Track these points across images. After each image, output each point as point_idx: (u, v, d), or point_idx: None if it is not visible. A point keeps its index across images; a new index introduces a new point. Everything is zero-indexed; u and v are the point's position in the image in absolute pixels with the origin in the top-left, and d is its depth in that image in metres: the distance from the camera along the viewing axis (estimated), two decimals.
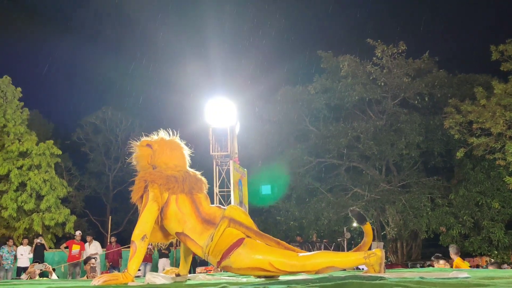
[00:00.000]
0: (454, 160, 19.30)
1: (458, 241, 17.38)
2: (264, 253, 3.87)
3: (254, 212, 18.39)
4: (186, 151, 4.77)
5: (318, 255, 3.87)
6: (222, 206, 4.40)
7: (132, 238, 4.13)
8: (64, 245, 14.27)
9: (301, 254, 3.91)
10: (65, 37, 36.83)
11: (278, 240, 4.12)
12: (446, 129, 17.72)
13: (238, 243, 3.96)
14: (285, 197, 21.81)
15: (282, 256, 3.84)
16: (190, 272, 5.00)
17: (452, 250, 9.26)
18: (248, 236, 4.05)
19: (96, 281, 3.91)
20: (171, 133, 4.86)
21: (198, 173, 4.65)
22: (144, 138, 4.86)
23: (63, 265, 13.82)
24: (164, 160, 4.58)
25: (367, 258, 3.83)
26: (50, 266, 11.12)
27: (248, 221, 4.18)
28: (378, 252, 3.85)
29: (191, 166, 4.80)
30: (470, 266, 11.11)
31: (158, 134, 4.84)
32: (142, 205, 4.34)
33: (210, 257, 4.05)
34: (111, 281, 3.91)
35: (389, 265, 18.02)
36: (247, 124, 19.39)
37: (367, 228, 4.16)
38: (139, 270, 8.57)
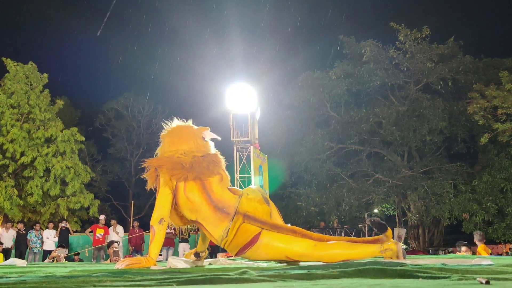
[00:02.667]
0: (478, 146, 19.01)
1: (481, 228, 17.17)
2: (280, 247, 3.90)
3: (274, 198, 18.43)
4: (197, 135, 4.71)
5: (335, 246, 3.86)
6: (237, 190, 4.37)
7: (151, 223, 4.24)
8: (89, 229, 14.51)
9: (319, 242, 3.90)
10: (90, 23, 37.10)
11: (294, 228, 4.09)
12: (470, 114, 17.44)
13: (254, 240, 3.97)
14: (306, 182, 21.79)
15: (298, 247, 3.87)
16: (211, 257, 5.04)
17: (476, 236, 9.16)
18: (264, 228, 4.04)
19: (119, 265, 3.99)
20: (186, 120, 4.86)
21: (215, 154, 4.62)
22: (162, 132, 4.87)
23: (87, 249, 14.07)
24: (175, 148, 4.58)
25: (383, 252, 3.83)
26: (62, 255, 11.35)
27: (264, 211, 4.15)
28: (394, 247, 3.83)
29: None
30: (491, 253, 10.98)
31: (172, 123, 4.85)
32: (157, 190, 4.40)
33: (227, 249, 4.10)
34: (134, 264, 3.99)
35: (411, 252, 17.91)
36: (268, 109, 19.35)
37: (388, 233, 4.11)
38: (161, 254, 8.65)
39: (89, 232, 14.33)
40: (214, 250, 15.44)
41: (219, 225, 4.11)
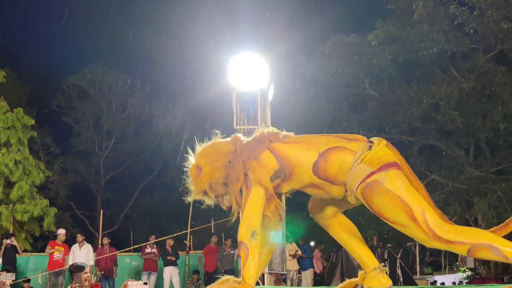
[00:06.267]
0: None
1: None
2: (421, 198, 4.10)
3: (293, 206, 18.42)
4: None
5: (475, 228, 4.24)
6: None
7: (239, 239, 4.32)
8: (49, 247, 14.47)
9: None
10: None
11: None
12: None
13: (398, 165, 4.27)
14: None
15: (437, 214, 4.06)
16: (205, 285, 5.06)
17: None
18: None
19: None
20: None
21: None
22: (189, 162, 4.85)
23: (40, 274, 14.13)
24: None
25: None
26: (7, 281, 11.42)
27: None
28: None
29: None
30: None
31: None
32: (244, 194, 4.47)
33: (362, 165, 4.24)
34: None
35: (479, 280, 17.86)
36: (284, 87, 19.27)
37: None
38: (146, 284, 8.75)
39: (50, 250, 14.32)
40: (211, 277, 15.50)
41: (352, 142, 4.48)
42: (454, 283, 21.23)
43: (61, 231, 14.70)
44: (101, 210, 21.05)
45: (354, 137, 4.57)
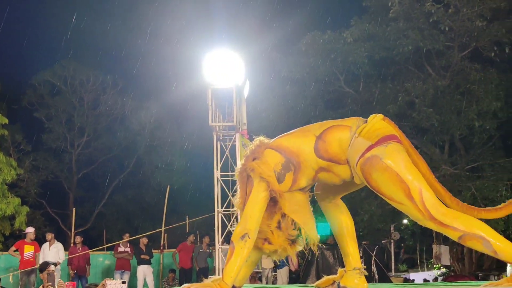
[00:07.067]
0: None
1: None
2: (420, 176, 4.14)
3: None
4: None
5: (472, 218, 4.11)
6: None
7: (231, 238, 4.41)
8: (13, 248, 14.44)
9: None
10: None
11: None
12: None
13: (397, 138, 4.41)
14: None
15: (434, 196, 4.09)
16: (181, 284, 5.06)
17: None
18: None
19: None
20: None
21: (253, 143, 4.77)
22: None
23: (11, 274, 14.00)
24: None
25: None
26: None
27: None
28: None
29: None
30: None
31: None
32: (247, 195, 4.55)
33: (360, 138, 4.30)
34: None
35: (453, 277, 18.05)
36: (260, 84, 19.29)
37: None
38: (124, 282, 8.84)
39: (14, 251, 14.28)
40: (186, 275, 15.50)
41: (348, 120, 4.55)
42: (425, 280, 21.45)
43: (30, 230, 14.62)
44: (74, 208, 20.84)
45: (347, 118, 4.61)
